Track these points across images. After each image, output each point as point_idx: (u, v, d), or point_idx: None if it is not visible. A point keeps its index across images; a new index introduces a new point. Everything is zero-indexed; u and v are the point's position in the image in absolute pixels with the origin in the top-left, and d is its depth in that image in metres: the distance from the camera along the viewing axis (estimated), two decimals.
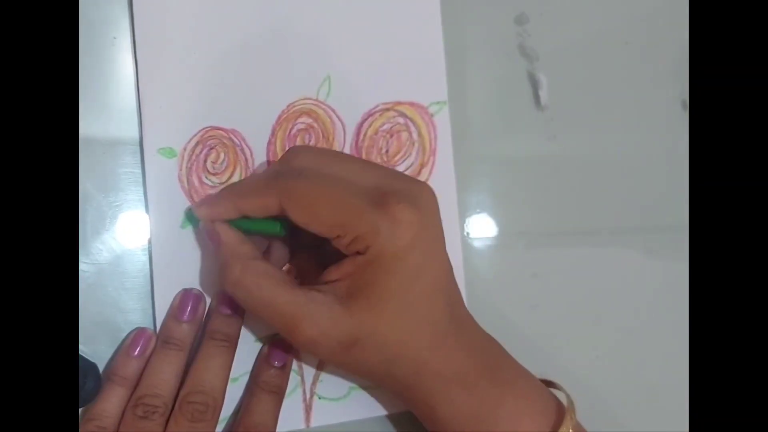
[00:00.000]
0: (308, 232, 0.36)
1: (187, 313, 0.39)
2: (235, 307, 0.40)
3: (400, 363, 0.36)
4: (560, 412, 0.37)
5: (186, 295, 0.40)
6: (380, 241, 0.35)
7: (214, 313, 0.40)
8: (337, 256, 0.36)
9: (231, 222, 0.38)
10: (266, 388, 0.40)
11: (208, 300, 0.40)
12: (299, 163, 0.37)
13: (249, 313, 0.40)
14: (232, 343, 0.39)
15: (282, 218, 0.36)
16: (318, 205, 0.35)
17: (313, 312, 0.35)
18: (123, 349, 0.39)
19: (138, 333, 0.39)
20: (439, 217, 0.37)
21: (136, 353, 0.38)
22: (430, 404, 0.37)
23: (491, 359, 0.38)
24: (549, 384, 0.39)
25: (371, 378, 0.38)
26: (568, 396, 0.37)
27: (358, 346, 0.35)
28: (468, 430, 0.36)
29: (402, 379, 0.37)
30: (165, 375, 0.38)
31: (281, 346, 0.41)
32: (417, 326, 0.36)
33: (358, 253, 0.35)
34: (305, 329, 0.35)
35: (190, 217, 0.40)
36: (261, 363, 0.40)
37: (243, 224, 0.38)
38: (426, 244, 0.36)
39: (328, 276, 0.36)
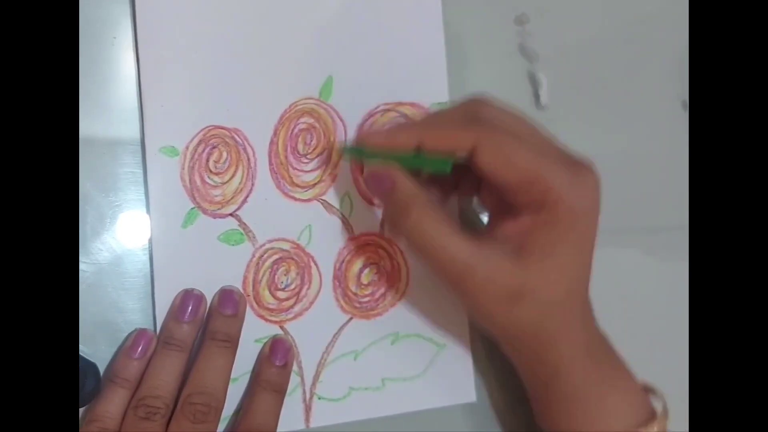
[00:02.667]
0: (475, 181, 0.38)
1: (187, 314, 0.39)
2: (235, 307, 0.40)
3: (549, 322, 0.37)
4: (652, 415, 0.38)
5: (186, 295, 0.40)
6: (569, 197, 0.36)
7: (214, 313, 0.40)
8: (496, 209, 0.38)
9: (400, 159, 0.38)
10: (267, 387, 0.40)
11: (209, 300, 0.40)
12: (488, 113, 0.37)
13: (419, 256, 0.38)
14: (233, 344, 0.39)
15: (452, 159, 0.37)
16: (516, 153, 0.36)
17: (489, 261, 0.36)
18: (124, 350, 0.39)
19: (139, 334, 0.39)
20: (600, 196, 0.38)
21: (137, 354, 0.38)
22: (557, 368, 0.38)
23: (609, 343, 0.39)
24: (648, 389, 0.40)
25: (518, 340, 0.38)
26: (664, 403, 0.39)
27: (520, 299, 0.36)
28: (579, 405, 0.38)
29: (545, 339, 0.37)
30: (166, 376, 0.38)
31: (282, 345, 0.41)
32: (576, 287, 0.37)
33: (539, 208, 0.36)
34: (476, 277, 0.36)
35: (353, 151, 0.40)
36: (262, 362, 0.40)
37: (412, 160, 0.37)
38: (595, 214, 0.37)
39: (501, 230, 0.37)
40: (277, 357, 0.40)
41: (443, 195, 0.41)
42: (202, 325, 0.40)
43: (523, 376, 0.40)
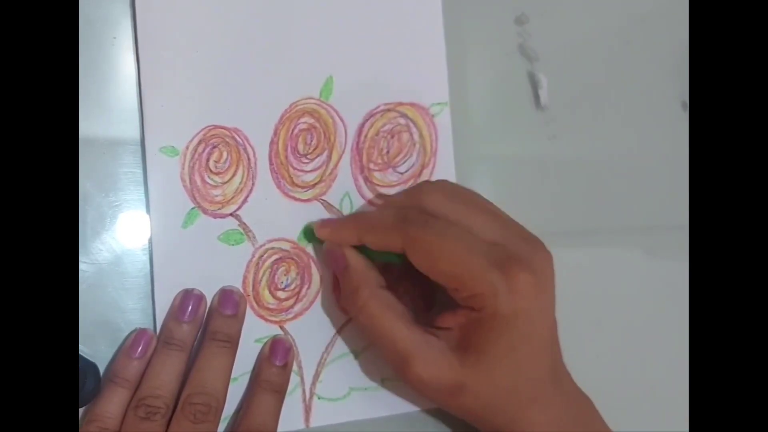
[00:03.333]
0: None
1: (187, 314, 0.39)
2: (235, 307, 0.40)
3: (500, 411, 0.38)
4: None
5: (187, 295, 0.40)
6: (497, 303, 0.36)
7: (214, 313, 0.40)
8: (444, 296, 0.38)
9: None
10: (267, 387, 0.40)
11: (209, 300, 0.40)
12: (429, 204, 0.38)
13: (366, 339, 0.41)
14: (233, 344, 0.39)
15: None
16: (441, 259, 0.37)
17: (427, 354, 0.37)
18: (124, 350, 0.39)
19: (138, 334, 0.39)
20: (553, 281, 0.38)
21: (137, 354, 0.38)
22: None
23: (584, 415, 0.39)
24: None
25: (468, 419, 0.39)
26: None
27: (463, 393, 0.37)
28: None
29: (500, 426, 0.38)
30: (166, 376, 0.38)
31: (282, 345, 0.41)
32: (521, 382, 0.37)
33: (473, 308, 0.37)
34: (417, 369, 0.37)
35: (308, 234, 0.42)
36: (262, 362, 0.40)
37: (365, 250, 0.39)
38: (538, 310, 0.37)
39: (441, 321, 0.38)
40: (277, 357, 0.40)
41: (395, 278, 0.41)
42: (202, 325, 0.40)
43: None
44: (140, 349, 0.38)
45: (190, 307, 0.39)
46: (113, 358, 0.39)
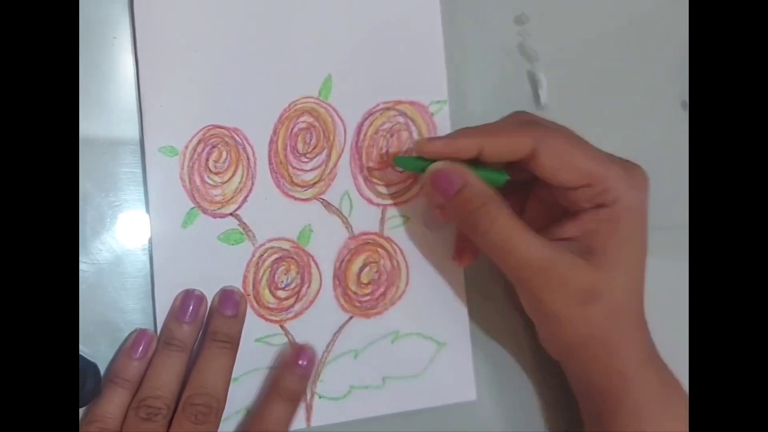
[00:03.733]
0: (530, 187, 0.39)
1: (188, 314, 0.39)
2: (236, 308, 0.40)
3: (616, 326, 0.37)
4: None
5: (187, 295, 0.40)
6: (629, 195, 0.37)
7: (215, 313, 0.40)
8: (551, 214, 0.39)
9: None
10: (284, 395, 0.40)
11: (209, 300, 0.40)
12: (541, 121, 0.39)
13: (492, 254, 0.38)
14: (234, 344, 0.39)
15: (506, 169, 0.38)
16: (574, 154, 0.37)
17: (562, 259, 0.37)
18: (124, 351, 0.39)
19: (139, 334, 0.39)
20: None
21: (137, 354, 0.38)
22: (624, 378, 0.38)
23: (659, 355, 0.40)
24: None
25: (577, 341, 0.38)
26: None
27: (594, 299, 0.37)
28: (646, 422, 0.38)
29: (612, 345, 0.38)
30: (167, 377, 0.38)
31: (308, 352, 0.41)
32: (638, 291, 0.38)
33: (599, 207, 0.37)
34: (553, 274, 0.36)
35: (404, 161, 0.40)
36: (283, 368, 0.40)
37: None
38: (647, 212, 0.38)
39: (563, 232, 0.38)
40: (299, 364, 0.40)
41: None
42: (203, 326, 0.40)
43: (587, 390, 0.40)
44: (140, 349, 0.38)
45: (190, 308, 0.39)
46: (113, 358, 0.39)
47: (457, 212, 0.38)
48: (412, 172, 0.41)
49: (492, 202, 0.37)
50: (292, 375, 0.40)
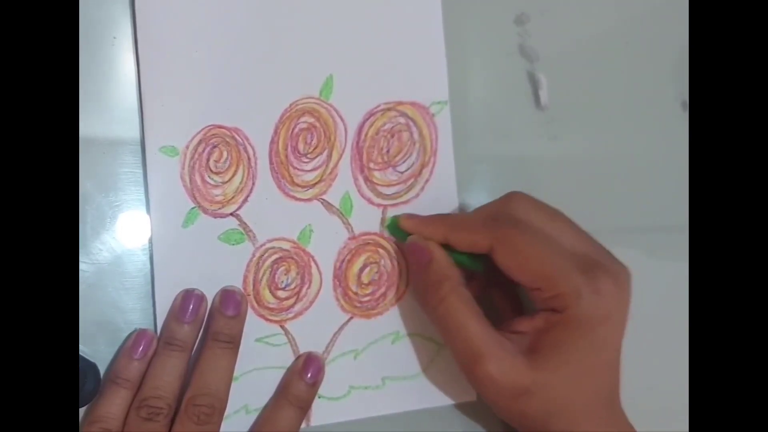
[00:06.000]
0: (503, 277, 0.38)
1: (188, 314, 0.39)
2: (237, 308, 0.40)
3: (557, 419, 0.37)
4: None
5: (187, 295, 0.40)
6: (580, 306, 0.37)
7: (216, 313, 0.40)
8: (519, 306, 0.40)
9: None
10: (294, 402, 0.40)
11: (206, 292, 0.40)
12: (516, 211, 0.39)
13: (439, 331, 0.39)
14: (235, 344, 0.39)
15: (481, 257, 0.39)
16: (529, 257, 0.37)
17: (499, 353, 0.37)
18: (124, 351, 0.39)
19: (139, 334, 0.39)
20: (630, 298, 0.39)
21: (137, 355, 0.38)
22: None
23: None
24: None
25: (523, 425, 0.39)
26: None
27: (526, 396, 0.37)
28: None
29: None
30: (168, 377, 0.38)
31: (317, 362, 0.41)
32: (585, 392, 0.38)
33: (552, 311, 0.37)
34: (487, 366, 0.37)
35: (392, 227, 0.42)
36: (292, 375, 0.41)
37: (447, 251, 0.39)
38: (615, 322, 0.38)
39: (517, 326, 0.39)
40: (309, 372, 0.41)
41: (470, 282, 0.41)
42: (203, 326, 0.40)
43: None
44: (141, 349, 0.38)
45: (191, 308, 0.39)
46: (114, 358, 0.39)
47: (418, 283, 0.40)
48: (396, 239, 0.42)
49: (448, 281, 0.38)
50: (301, 382, 0.40)
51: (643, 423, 0.43)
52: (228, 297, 0.40)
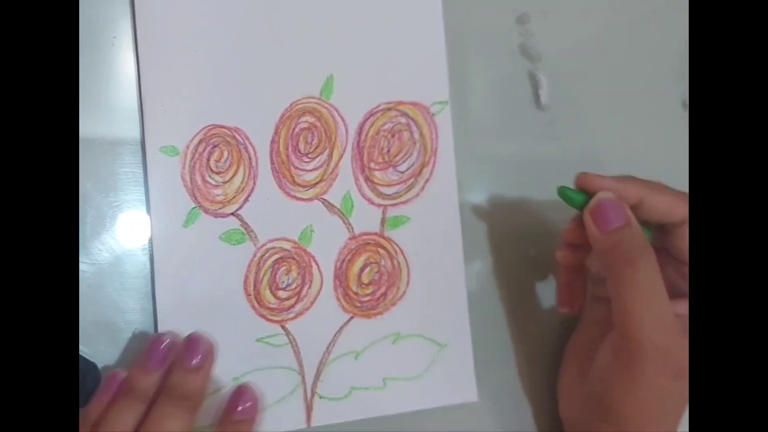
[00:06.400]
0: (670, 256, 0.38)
1: (154, 362, 0.37)
2: (201, 359, 0.37)
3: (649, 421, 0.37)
4: None
5: (157, 339, 0.37)
6: None
7: (175, 364, 0.37)
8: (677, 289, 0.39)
9: None
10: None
11: (206, 292, 0.40)
12: None
13: (616, 303, 0.36)
14: (193, 403, 0.36)
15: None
16: None
17: (678, 343, 0.35)
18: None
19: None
20: None
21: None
22: None
23: None
24: None
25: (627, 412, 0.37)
26: None
27: (683, 377, 0.35)
28: None
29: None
30: (124, 425, 0.35)
31: (250, 392, 0.39)
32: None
33: None
34: (667, 358, 0.35)
35: (566, 192, 0.39)
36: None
37: None
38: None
39: (678, 307, 0.37)
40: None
41: None
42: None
43: None
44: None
45: (158, 357, 0.37)
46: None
47: (608, 249, 0.37)
48: (570, 205, 0.39)
49: (647, 251, 0.36)
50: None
51: None
52: (192, 345, 0.37)
